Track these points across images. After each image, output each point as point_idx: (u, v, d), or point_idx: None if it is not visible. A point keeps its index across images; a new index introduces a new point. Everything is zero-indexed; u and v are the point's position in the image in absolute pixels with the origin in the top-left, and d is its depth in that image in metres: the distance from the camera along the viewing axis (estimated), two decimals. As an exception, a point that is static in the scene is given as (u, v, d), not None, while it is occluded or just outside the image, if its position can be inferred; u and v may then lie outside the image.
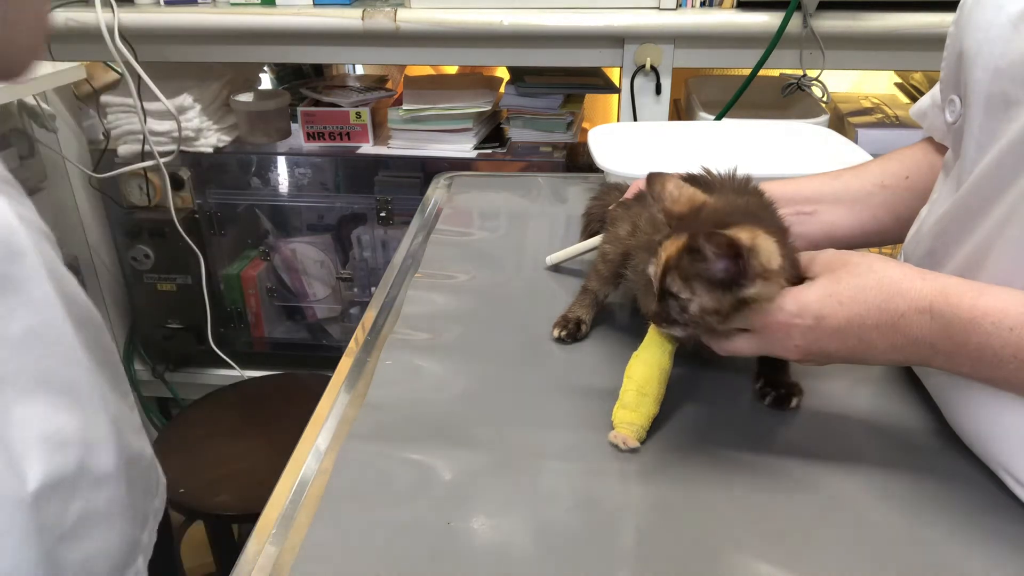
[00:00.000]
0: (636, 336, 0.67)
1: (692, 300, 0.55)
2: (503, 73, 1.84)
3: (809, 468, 0.59)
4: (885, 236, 0.77)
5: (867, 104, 1.74)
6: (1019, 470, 0.54)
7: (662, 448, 0.61)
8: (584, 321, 0.76)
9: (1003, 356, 0.50)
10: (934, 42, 0.64)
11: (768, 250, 0.54)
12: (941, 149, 0.73)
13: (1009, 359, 0.50)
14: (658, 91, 1.50)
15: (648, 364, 0.63)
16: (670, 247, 0.56)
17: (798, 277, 0.58)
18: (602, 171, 0.99)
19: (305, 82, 1.92)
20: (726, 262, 0.53)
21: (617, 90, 1.62)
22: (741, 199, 0.63)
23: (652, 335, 0.65)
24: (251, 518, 0.56)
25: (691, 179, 0.68)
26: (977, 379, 0.54)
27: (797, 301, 0.55)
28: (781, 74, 1.56)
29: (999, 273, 0.53)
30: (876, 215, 0.75)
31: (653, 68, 1.47)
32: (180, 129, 1.61)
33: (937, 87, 0.69)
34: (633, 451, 0.60)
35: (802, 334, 0.55)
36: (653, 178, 0.62)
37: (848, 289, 0.54)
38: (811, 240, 0.74)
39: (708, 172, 0.69)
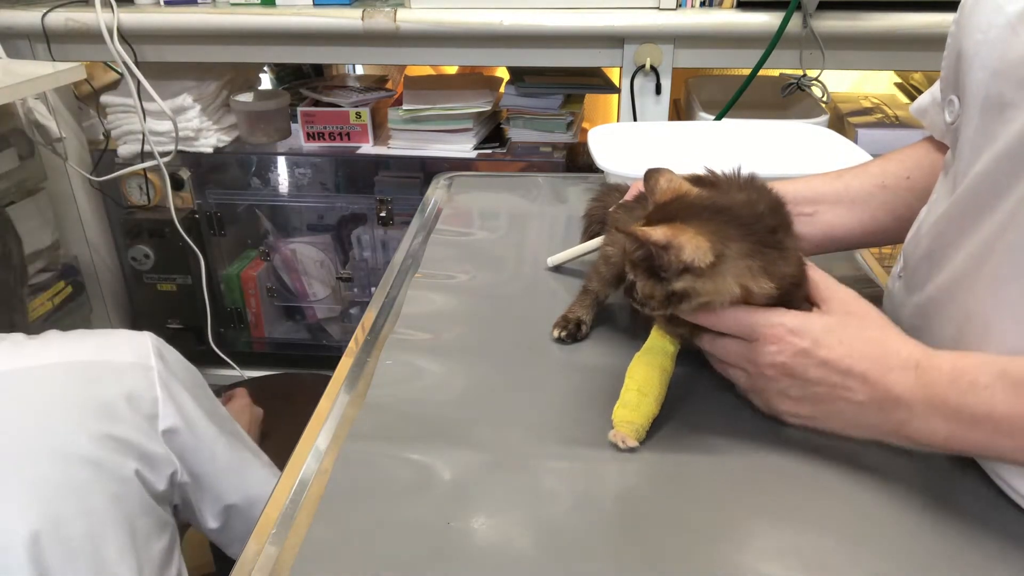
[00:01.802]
0: (636, 337, 0.67)
1: (636, 283, 0.59)
2: (503, 73, 1.84)
3: (809, 468, 0.59)
4: (885, 236, 0.77)
5: (867, 104, 1.74)
6: (1016, 480, 0.54)
7: (662, 448, 0.61)
8: (584, 321, 0.76)
9: (977, 415, 0.50)
10: (934, 42, 0.64)
11: (693, 247, 0.55)
12: (942, 148, 0.72)
13: (983, 419, 0.50)
14: (658, 91, 1.50)
15: (650, 365, 0.63)
16: None
17: (799, 276, 0.58)
18: (602, 171, 0.99)
19: (305, 82, 1.92)
20: (646, 253, 0.56)
21: (617, 90, 1.62)
22: (743, 195, 0.63)
23: (655, 337, 0.65)
24: (251, 518, 0.57)
25: (696, 180, 0.68)
26: (953, 448, 0.54)
27: (802, 323, 0.57)
28: (781, 74, 1.56)
29: (998, 278, 0.53)
30: (876, 216, 0.75)
31: (653, 68, 1.47)
32: (177, 129, 1.62)
33: (937, 84, 0.69)
34: (632, 450, 0.60)
35: (793, 352, 0.57)
36: (650, 174, 0.63)
37: (851, 336, 0.56)
38: (812, 241, 0.74)
39: (712, 172, 0.69)
